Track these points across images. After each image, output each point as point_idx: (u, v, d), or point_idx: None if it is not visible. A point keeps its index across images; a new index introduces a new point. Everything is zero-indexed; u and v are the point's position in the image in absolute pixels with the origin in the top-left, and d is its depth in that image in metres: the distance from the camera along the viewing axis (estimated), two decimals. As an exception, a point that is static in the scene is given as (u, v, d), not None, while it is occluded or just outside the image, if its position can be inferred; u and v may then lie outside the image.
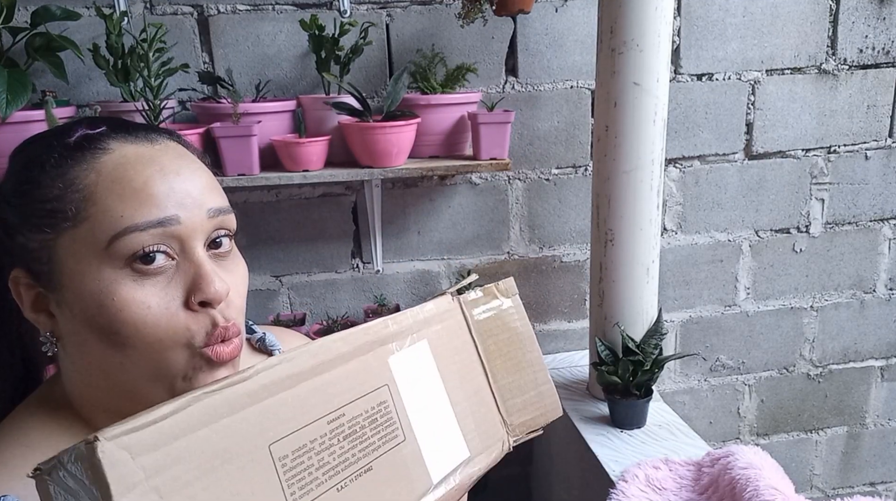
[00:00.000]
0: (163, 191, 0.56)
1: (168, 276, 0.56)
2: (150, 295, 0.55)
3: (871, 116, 1.84)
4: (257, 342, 0.78)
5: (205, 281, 0.57)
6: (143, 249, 0.55)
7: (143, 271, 0.55)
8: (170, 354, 0.56)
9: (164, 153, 0.59)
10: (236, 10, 1.51)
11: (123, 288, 0.55)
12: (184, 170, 0.59)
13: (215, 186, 0.62)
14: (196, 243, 0.58)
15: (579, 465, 1.47)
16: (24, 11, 1.40)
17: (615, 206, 1.42)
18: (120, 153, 0.57)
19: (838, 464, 2.13)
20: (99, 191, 0.55)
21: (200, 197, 0.59)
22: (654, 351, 1.42)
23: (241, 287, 0.62)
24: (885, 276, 1.99)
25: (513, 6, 1.45)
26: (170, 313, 0.56)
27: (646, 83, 1.35)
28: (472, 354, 0.65)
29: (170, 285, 0.56)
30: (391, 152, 1.46)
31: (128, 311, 0.55)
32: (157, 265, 0.56)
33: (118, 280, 0.55)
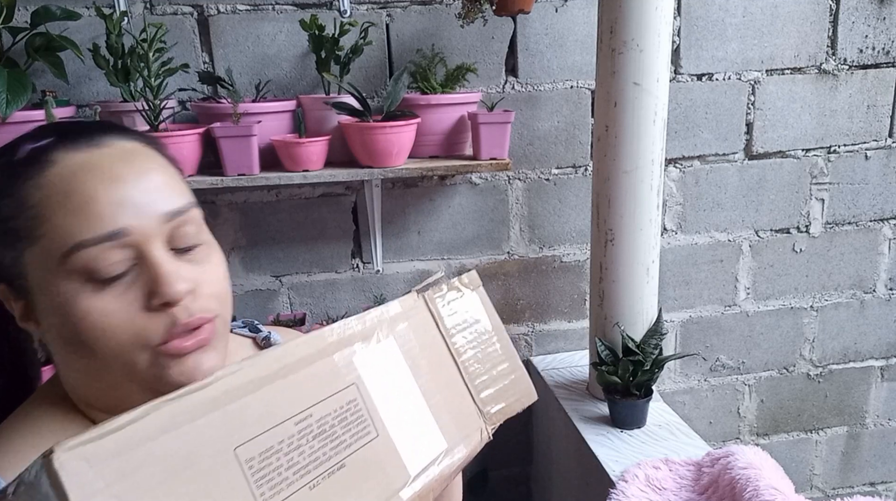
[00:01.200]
0: (108, 203, 0.55)
1: (127, 282, 0.57)
2: (109, 302, 0.56)
3: (871, 116, 1.84)
4: (262, 340, 0.79)
5: (161, 284, 0.56)
6: (97, 263, 0.55)
7: (102, 281, 0.56)
8: (133, 357, 0.57)
9: (109, 157, 0.58)
10: (236, 10, 1.51)
11: (83, 300, 0.55)
12: (129, 174, 0.57)
13: (170, 184, 0.60)
14: (151, 247, 0.57)
15: (579, 465, 1.47)
16: (24, 11, 1.40)
17: (615, 206, 1.42)
18: (63, 164, 0.56)
19: (838, 464, 2.13)
20: (47, 209, 0.55)
21: (150, 202, 0.57)
22: (654, 351, 1.42)
23: (213, 276, 0.61)
24: (885, 276, 1.99)
25: (513, 6, 1.45)
26: (129, 318, 0.56)
27: (646, 83, 1.35)
28: (442, 348, 0.65)
29: (129, 290, 0.56)
30: (391, 152, 1.46)
31: (88, 320, 0.55)
32: (112, 275, 0.56)
33: (77, 292, 0.55)
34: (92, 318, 0.55)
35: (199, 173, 1.44)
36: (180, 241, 0.59)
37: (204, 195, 1.59)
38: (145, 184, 0.58)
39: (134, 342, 0.57)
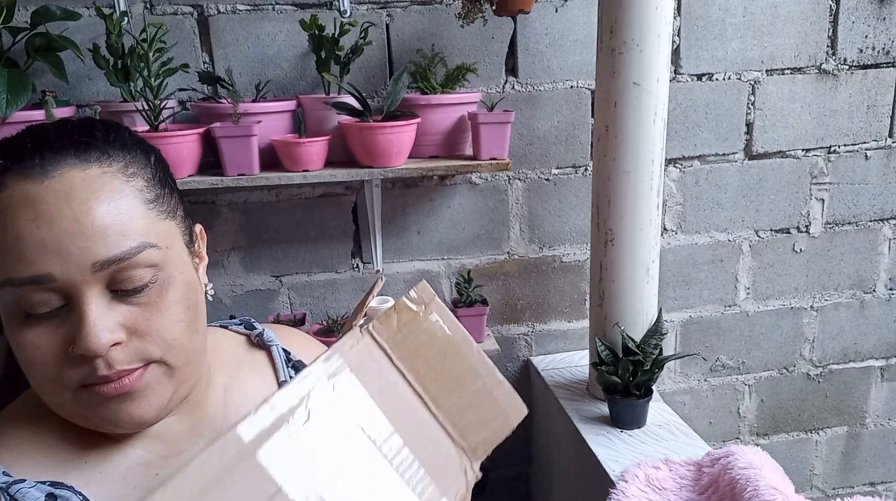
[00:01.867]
0: (32, 248, 0.53)
1: (59, 320, 0.55)
2: (40, 335, 0.55)
3: (871, 116, 1.84)
4: (256, 337, 0.79)
5: (80, 336, 0.54)
6: (23, 302, 0.54)
7: (34, 316, 0.55)
8: (59, 392, 0.57)
9: (52, 193, 0.54)
10: (236, 10, 1.51)
11: (16, 329, 0.55)
12: (63, 217, 0.53)
13: (114, 226, 0.55)
14: (79, 294, 0.54)
15: (579, 465, 1.47)
16: (24, 11, 1.40)
17: (615, 206, 1.42)
18: (7, 194, 0.54)
19: (838, 464, 2.13)
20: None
21: (81, 250, 0.53)
22: (654, 351, 1.42)
23: (160, 321, 0.58)
24: (885, 276, 1.99)
25: (513, 6, 1.45)
26: (52, 358, 0.55)
27: (646, 83, 1.35)
28: (401, 386, 0.56)
29: (58, 330, 0.55)
30: (391, 152, 1.46)
31: (23, 350, 0.56)
32: (41, 312, 0.55)
33: (12, 319, 0.55)
34: (23, 348, 0.55)
35: (199, 173, 1.44)
36: (122, 285, 0.56)
37: (204, 195, 1.59)
38: (78, 229, 0.53)
39: (55, 381, 0.56)
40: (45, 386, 0.57)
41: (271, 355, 0.78)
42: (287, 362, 0.78)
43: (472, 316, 1.66)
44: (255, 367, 0.76)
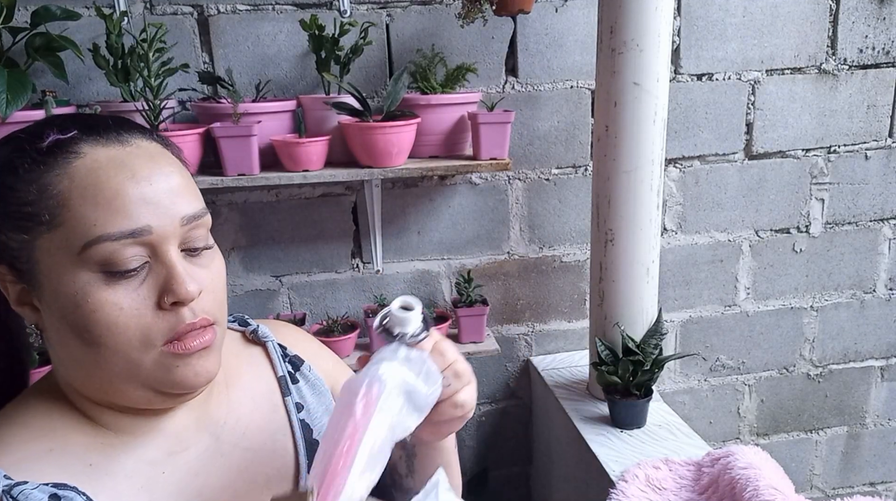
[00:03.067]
0: (134, 201, 0.57)
1: (140, 278, 0.58)
2: (123, 296, 0.57)
3: (871, 116, 1.84)
4: (251, 334, 0.79)
5: (176, 283, 0.58)
6: (116, 256, 0.56)
7: (117, 275, 0.57)
8: (139, 354, 0.59)
9: (136, 156, 0.60)
10: (236, 10, 1.51)
11: (97, 291, 0.57)
12: (155, 175, 0.59)
13: (189, 188, 0.62)
14: (168, 247, 0.59)
15: (579, 465, 1.47)
16: (24, 11, 1.40)
17: (615, 206, 1.42)
18: (92, 157, 0.58)
19: (838, 464, 2.13)
20: (72, 198, 0.56)
21: (172, 204, 0.59)
22: (654, 351, 1.42)
23: (217, 281, 0.64)
24: (885, 276, 1.99)
25: (513, 6, 1.45)
26: (140, 314, 0.58)
27: (646, 83, 1.35)
28: None
29: (142, 286, 0.58)
30: (391, 152, 1.46)
31: (101, 312, 0.57)
32: (129, 269, 0.57)
33: (92, 282, 0.57)
34: (105, 311, 0.57)
35: (199, 173, 1.44)
36: (192, 244, 0.61)
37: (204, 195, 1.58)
38: (168, 185, 0.60)
39: (141, 339, 0.58)
40: (123, 352, 0.58)
41: (267, 351, 0.79)
42: (284, 357, 0.79)
43: (472, 316, 1.66)
44: (252, 363, 0.77)
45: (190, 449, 0.67)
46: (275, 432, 0.74)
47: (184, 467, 0.66)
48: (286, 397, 0.76)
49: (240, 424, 0.71)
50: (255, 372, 0.76)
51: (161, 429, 0.65)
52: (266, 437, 0.73)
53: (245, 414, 0.72)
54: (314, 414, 0.77)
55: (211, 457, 0.68)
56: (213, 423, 0.70)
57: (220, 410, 0.71)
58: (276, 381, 0.77)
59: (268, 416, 0.74)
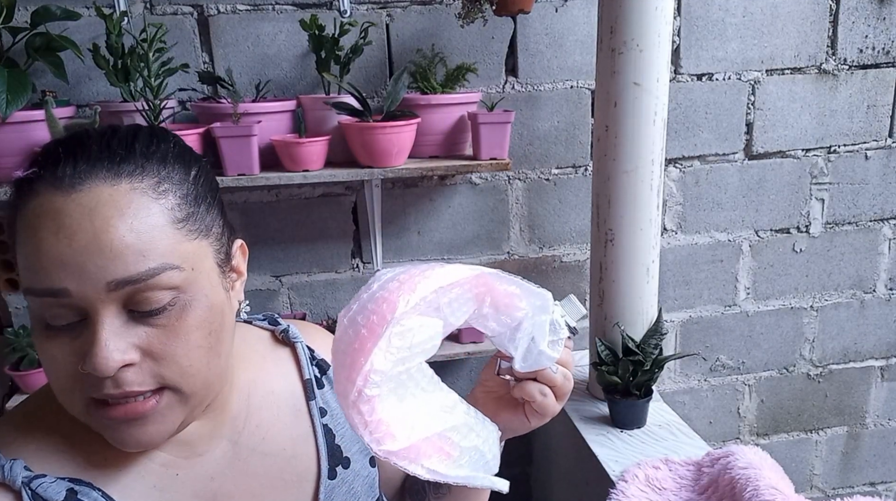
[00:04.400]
0: (52, 260, 0.52)
1: (74, 334, 0.55)
2: (54, 347, 0.55)
3: (871, 116, 1.84)
4: (281, 333, 0.78)
5: (90, 354, 0.53)
6: (42, 312, 0.55)
7: (52, 327, 0.55)
8: (74, 403, 0.57)
9: (74, 207, 0.53)
10: (236, 10, 1.51)
11: (39, 337, 0.56)
12: (83, 234, 0.52)
13: (136, 248, 0.54)
14: (95, 312, 0.54)
15: (579, 465, 1.47)
16: (24, 11, 1.40)
17: (615, 206, 1.42)
18: (37, 202, 0.54)
19: (838, 464, 2.13)
20: (18, 242, 0.56)
21: (97, 268, 0.52)
22: (654, 351, 1.42)
23: (177, 345, 0.56)
24: (885, 276, 1.99)
25: (513, 6, 1.45)
26: (67, 365, 0.55)
27: (646, 83, 1.35)
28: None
29: (72, 343, 0.55)
30: (391, 152, 1.46)
31: (43, 358, 0.57)
32: (59, 325, 0.55)
33: (38, 327, 0.56)
34: (43, 357, 0.56)
35: (199, 173, 1.44)
36: (139, 306, 0.55)
37: (204, 195, 1.59)
38: (96, 247, 0.52)
39: (70, 389, 0.56)
40: (61, 395, 0.57)
41: (295, 352, 0.77)
42: (311, 360, 0.78)
43: (472, 316, 1.66)
44: (279, 364, 0.76)
45: (205, 455, 0.66)
46: (296, 437, 0.73)
47: (199, 470, 0.65)
48: (311, 401, 0.75)
49: (260, 428, 0.70)
50: (281, 373, 0.75)
51: (173, 440, 0.63)
52: (287, 442, 0.72)
53: (266, 418, 0.71)
54: (338, 419, 0.76)
55: (228, 462, 0.67)
56: (232, 428, 0.68)
57: (240, 415, 0.69)
58: (302, 384, 0.76)
59: (290, 420, 0.73)
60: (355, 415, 0.54)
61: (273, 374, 0.74)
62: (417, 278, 0.56)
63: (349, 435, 0.77)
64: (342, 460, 0.75)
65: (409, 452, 0.55)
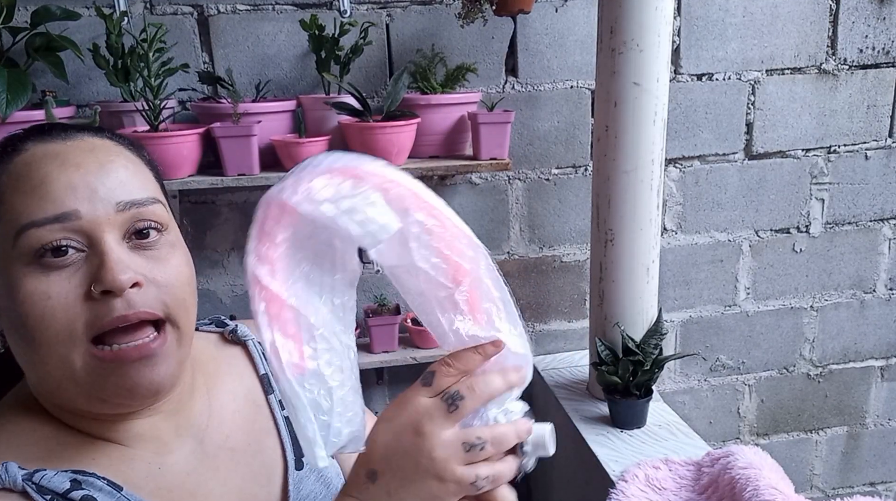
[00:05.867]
0: (60, 186, 0.56)
1: (75, 268, 0.56)
2: (52, 285, 0.55)
3: (871, 116, 1.84)
4: (229, 334, 0.78)
5: (104, 270, 0.55)
6: (43, 244, 0.55)
7: (49, 264, 0.55)
8: (68, 351, 0.55)
9: (74, 148, 0.59)
10: (236, 10, 1.51)
11: (29, 281, 0.55)
12: (90, 163, 0.58)
13: (133, 178, 0.60)
14: (103, 235, 0.56)
15: (579, 465, 1.47)
16: (24, 11, 1.40)
17: (615, 206, 1.42)
18: (31, 153, 0.58)
19: (838, 464, 2.13)
20: (6, 191, 0.56)
21: (107, 190, 0.57)
22: (654, 351, 1.42)
23: (174, 277, 0.60)
24: (885, 276, 1.99)
25: (513, 6, 1.45)
26: (67, 304, 0.55)
27: (646, 83, 1.35)
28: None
29: (74, 276, 0.55)
30: (391, 152, 1.45)
31: (30, 303, 0.55)
32: (60, 258, 0.55)
33: (26, 274, 0.55)
34: (32, 301, 0.55)
35: (199, 173, 1.44)
36: (138, 233, 0.58)
37: (204, 195, 1.59)
38: (104, 173, 0.58)
39: (69, 331, 0.55)
40: (53, 348, 0.55)
41: (248, 349, 0.78)
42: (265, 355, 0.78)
43: (472, 316, 1.66)
44: (233, 363, 0.76)
45: (175, 453, 0.66)
46: (259, 431, 0.73)
47: (174, 466, 0.65)
48: (269, 395, 0.76)
49: (223, 426, 0.71)
50: (235, 372, 0.75)
51: (142, 434, 0.64)
52: (251, 437, 0.72)
53: (228, 416, 0.72)
54: None
55: (198, 459, 0.68)
56: (196, 428, 0.69)
57: (202, 415, 0.70)
58: (259, 380, 0.76)
59: (251, 416, 0.74)
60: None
61: (228, 374, 0.75)
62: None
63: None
64: None
65: (271, 299, 0.52)
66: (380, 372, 1.78)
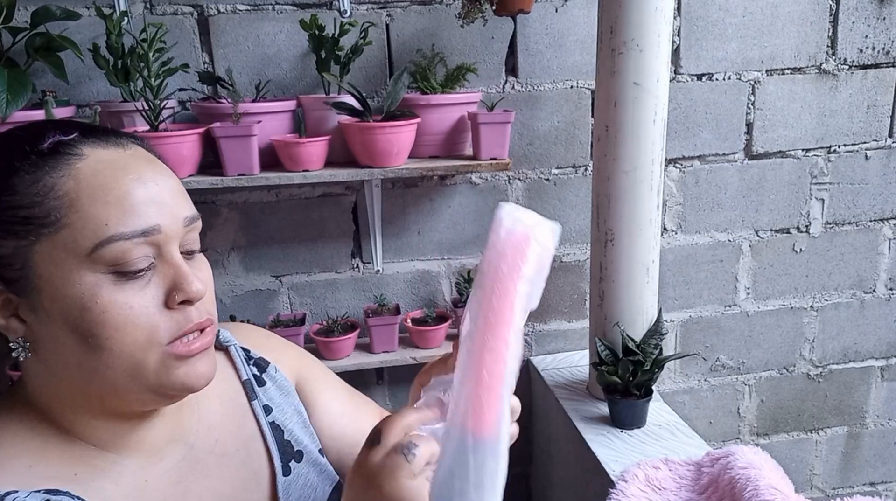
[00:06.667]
0: (144, 201, 0.58)
1: (146, 279, 0.59)
2: (131, 296, 0.57)
3: (871, 116, 1.84)
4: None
5: (186, 282, 0.60)
6: (127, 256, 0.57)
7: (125, 275, 0.57)
8: (144, 354, 0.59)
9: (137, 158, 0.61)
10: (236, 10, 1.51)
11: (106, 292, 0.56)
12: (158, 177, 0.61)
13: (183, 191, 0.64)
14: (173, 248, 0.61)
15: (579, 465, 1.47)
16: (24, 11, 1.40)
17: (615, 206, 1.42)
18: (95, 159, 0.58)
19: (838, 464, 2.13)
20: (80, 199, 0.56)
21: (175, 206, 0.61)
22: (654, 351, 1.42)
23: (210, 284, 0.65)
24: (885, 276, 1.99)
25: (513, 6, 1.45)
26: (149, 313, 0.58)
27: (646, 83, 1.35)
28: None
29: (148, 286, 0.59)
30: (391, 152, 1.46)
31: (110, 312, 0.56)
32: (139, 269, 0.58)
33: (100, 284, 0.56)
34: (115, 310, 0.57)
35: (199, 173, 1.44)
36: (189, 247, 0.63)
37: (204, 195, 1.59)
38: (169, 186, 0.61)
39: (148, 338, 0.58)
40: (127, 353, 0.58)
41: (229, 355, 0.78)
42: (248, 360, 0.78)
43: (472, 316, 1.66)
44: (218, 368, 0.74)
45: (165, 459, 0.66)
46: (246, 438, 0.74)
47: (164, 475, 0.65)
48: (252, 401, 0.76)
49: (211, 432, 0.71)
50: (221, 376, 0.75)
51: (136, 441, 0.64)
52: (238, 443, 0.73)
53: (216, 421, 0.72)
54: (285, 414, 0.77)
55: (189, 466, 0.68)
56: (186, 432, 0.69)
57: (192, 420, 0.71)
58: (241, 385, 0.77)
59: (238, 421, 0.74)
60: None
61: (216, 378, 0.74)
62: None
63: (298, 429, 0.78)
64: (294, 454, 0.76)
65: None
66: (380, 372, 1.78)
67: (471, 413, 0.51)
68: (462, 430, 0.51)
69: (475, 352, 0.52)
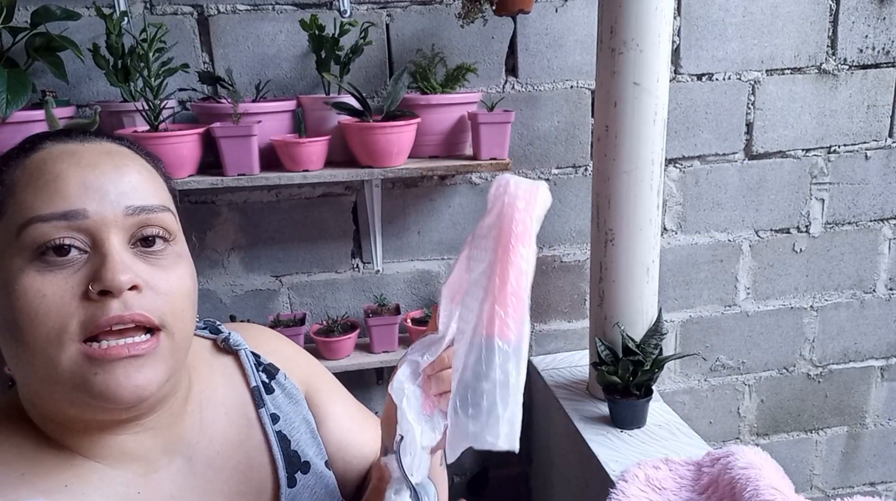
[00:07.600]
0: (73, 184, 0.56)
1: (75, 268, 0.55)
2: (49, 284, 0.54)
3: (871, 116, 1.84)
4: (222, 342, 0.76)
5: (104, 269, 0.54)
6: (46, 241, 0.54)
7: (50, 262, 0.55)
8: (57, 350, 0.54)
9: (91, 149, 0.59)
10: (236, 10, 1.51)
11: (26, 278, 0.54)
12: (105, 165, 0.58)
13: (145, 185, 0.60)
14: (108, 236, 0.56)
15: (579, 465, 1.47)
16: (24, 11, 1.40)
17: (615, 206, 1.42)
18: (48, 150, 0.58)
19: (838, 464, 2.13)
20: (19, 185, 0.56)
21: (118, 193, 0.57)
22: (654, 351, 1.42)
23: (174, 286, 0.59)
24: (885, 276, 1.99)
25: (513, 6, 1.45)
26: (62, 303, 0.54)
27: (646, 83, 1.35)
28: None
29: (73, 276, 0.55)
30: (391, 152, 1.46)
31: (23, 300, 0.54)
32: (62, 257, 0.55)
33: (24, 270, 0.54)
34: (27, 298, 0.54)
35: (199, 173, 1.44)
36: (145, 240, 0.59)
37: (204, 195, 1.59)
38: (117, 175, 0.58)
39: (59, 330, 0.54)
40: (41, 348, 0.54)
41: (239, 359, 0.75)
42: (258, 366, 0.75)
43: (472, 316, 1.66)
44: (225, 373, 0.74)
45: (161, 472, 0.64)
46: (250, 448, 0.71)
47: (158, 488, 0.63)
48: (260, 409, 0.73)
49: (213, 444, 0.69)
50: (227, 383, 0.73)
51: (128, 452, 0.62)
52: (241, 455, 0.70)
53: (218, 432, 0.69)
54: (292, 424, 0.74)
55: (185, 479, 0.65)
56: (185, 445, 0.66)
57: (193, 431, 0.67)
58: (249, 392, 0.73)
59: (242, 431, 0.71)
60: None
61: (220, 384, 0.72)
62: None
63: (305, 439, 0.75)
64: (301, 465, 0.73)
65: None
66: (380, 372, 1.78)
67: (496, 320, 0.57)
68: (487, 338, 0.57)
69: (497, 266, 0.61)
